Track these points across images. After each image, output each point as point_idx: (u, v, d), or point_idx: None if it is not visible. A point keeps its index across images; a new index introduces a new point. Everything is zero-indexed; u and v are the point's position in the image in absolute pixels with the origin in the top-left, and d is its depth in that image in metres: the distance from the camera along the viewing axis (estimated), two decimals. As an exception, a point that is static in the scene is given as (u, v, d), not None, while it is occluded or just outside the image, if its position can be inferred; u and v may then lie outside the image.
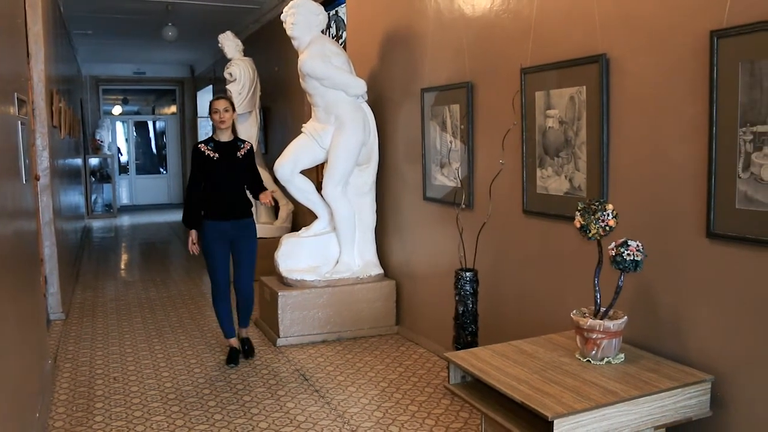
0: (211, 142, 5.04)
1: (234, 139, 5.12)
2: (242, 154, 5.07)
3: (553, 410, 2.54)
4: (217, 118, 4.95)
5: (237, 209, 5.08)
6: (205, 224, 5.05)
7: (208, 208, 5.04)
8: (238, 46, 8.50)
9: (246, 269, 5.18)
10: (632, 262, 2.88)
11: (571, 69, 3.63)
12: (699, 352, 2.99)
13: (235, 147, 5.07)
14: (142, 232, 13.33)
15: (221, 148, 5.01)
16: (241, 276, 5.18)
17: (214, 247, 5.03)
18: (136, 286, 8.14)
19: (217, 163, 4.96)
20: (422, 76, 5.21)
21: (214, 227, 5.03)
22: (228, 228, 5.03)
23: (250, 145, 5.19)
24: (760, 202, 2.67)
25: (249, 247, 5.16)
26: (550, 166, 3.84)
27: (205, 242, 5.06)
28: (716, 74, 2.81)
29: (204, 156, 4.97)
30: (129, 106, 19.70)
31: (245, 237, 5.13)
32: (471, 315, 4.24)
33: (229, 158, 5.00)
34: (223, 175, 4.99)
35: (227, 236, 5.05)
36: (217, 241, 5.03)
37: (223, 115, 4.94)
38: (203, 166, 4.97)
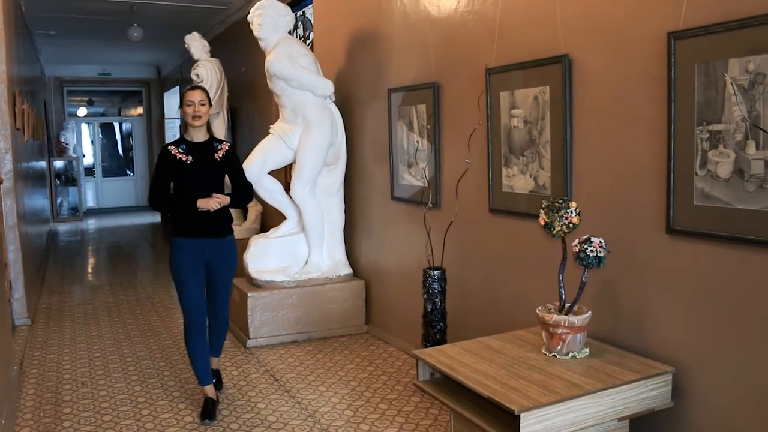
0: (182, 144, 4.13)
1: (210, 139, 4.22)
2: (220, 156, 4.16)
3: (520, 404, 2.59)
4: (190, 112, 4.04)
5: (215, 225, 4.15)
6: (176, 243, 4.14)
7: (179, 224, 4.13)
8: (205, 47, 8.47)
9: (223, 300, 4.35)
10: (595, 258, 2.95)
11: (535, 69, 3.70)
12: (660, 345, 3.06)
13: (211, 148, 4.16)
14: (109, 235, 13.19)
15: (195, 149, 4.11)
16: (217, 306, 4.35)
17: (187, 271, 4.12)
18: (103, 289, 8.06)
19: (191, 167, 4.07)
20: (389, 77, 5.25)
21: (186, 247, 4.12)
22: (204, 247, 4.13)
23: (230, 146, 4.28)
24: (717, 198, 2.75)
25: (227, 275, 4.31)
26: (515, 165, 3.90)
27: (175, 265, 4.14)
28: (673, 75, 2.88)
29: (174, 160, 4.07)
30: (94, 108, 19.46)
31: (224, 260, 4.24)
32: (439, 313, 4.29)
33: (204, 162, 4.11)
34: (198, 182, 4.07)
35: (202, 257, 4.14)
36: (191, 263, 4.12)
37: (199, 108, 4.05)
38: (173, 172, 4.08)
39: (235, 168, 4.27)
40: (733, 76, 2.65)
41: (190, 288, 4.13)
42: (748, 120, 2.61)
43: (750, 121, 2.60)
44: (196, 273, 4.15)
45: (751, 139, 2.61)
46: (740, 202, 2.67)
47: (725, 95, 2.69)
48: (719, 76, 2.70)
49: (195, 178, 4.09)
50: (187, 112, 4.07)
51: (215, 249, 4.18)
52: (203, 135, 4.19)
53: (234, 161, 4.27)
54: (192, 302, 4.14)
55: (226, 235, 4.25)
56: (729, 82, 2.67)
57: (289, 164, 5.95)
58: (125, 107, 19.86)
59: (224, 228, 4.23)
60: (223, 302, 4.36)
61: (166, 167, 4.10)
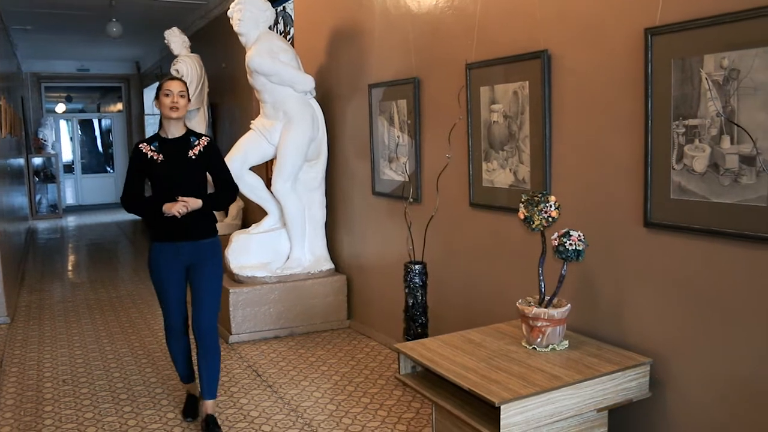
0: (155, 141, 3.80)
1: (186, 133, 3.84)
2: (196, 153, 3.78)
3: (500, 396, 2.62)
4: (168, 102, 3.69)
5: (194, 227, 3.79)
6: (153, 247, 3.85)
7: (156, 228, 3.82)
8: (185, 43, 8.42)
9: (207, 309, 3.84)
10: (574, 251, 2.99)
11: (515, 65, 3.72)
12: (638, 337, 3.11)
13: (186, 144, 3.80)
14: (89, 233, 13.09)
15: (168, 147, 3.77)
16: (200, 318, 3.82)
17: (165, 276, 3.82)
18: (83, 287, 8.01)
19: (162, 166, 3.73)
20: (370, 72, 5.26)
21: (164, 251, 3.81)
22: (181, 251, 3.80)
23: (209, 140, 3.89)
24: (693, 192, 2.80)
25: (211, 279, 3.86)
26: (495, 159, 3.93)
27: (153, 271, 3.87)
28: (651, 70, 2.92)
29: (146, 159, 3.75)
30: (73, 104, 19.29)
31: (206, 264, 3.84)
32: (421, 307, 4.32)
33: (177, 160, 3.75)
34: (171, 183, 3.72)
35: (182, 262, 3.82)
36: (169, 268, 3.81)
37: (177, 99, 3.70)
38: (146, 172, 3.78)
39: (215, 165, 3.89)
40: (709, 72, 2.69)
41: (169, 291, 3.86)
42: (722, 115, 2.65)
43: (725, 116, 2.64)
44: (175, 279, 3.85)
45: (725, 133, 2.65)
46: (715, 196, 2.71)
47: (701, 91, 2.73)
48: (695, 71, 2.74)
49: (167, 178, 3.74)
50: (164, 103, 3.71)
51: (194, 253, 3.82)
52: (180, 130, 3.82)
53: (214, 157, 3.88)
54: (172, 306, 3.90)
55: (205, 237, 3.86)
56: (704, 77, 2.71)
57: (270, 160, 5.95)
58: (104, 103, 19.69)
59: (204, 229, 3.86)
60: (206, 313, 3.83)
61: (137, 167, 3.79)
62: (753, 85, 2.54)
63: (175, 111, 3.72)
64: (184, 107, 3.76)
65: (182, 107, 3.75)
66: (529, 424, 2.69)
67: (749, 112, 2.56)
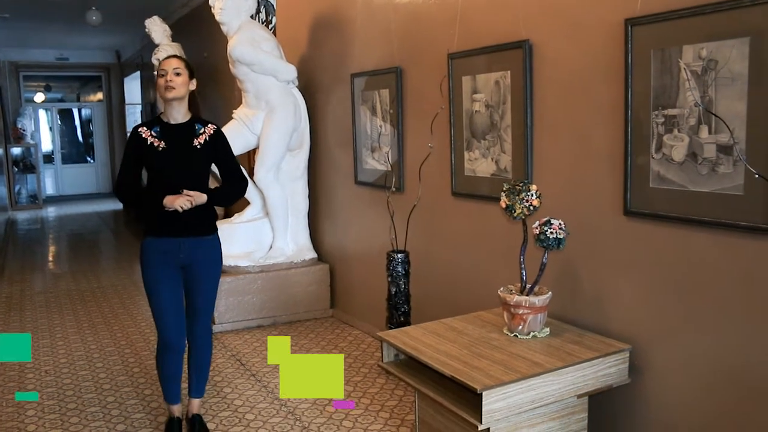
0: (156, 125, 3.44)
1: (191, 120, 3.49)
2: (202, 142, 3.45)
3: (482, 383, 2.65)
4: (162, 83, 3.35)
5: (194, 222, 3.45)
6: (146, 243, 3.48)
7: (149, 219, 3.48)
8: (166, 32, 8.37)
9: (204, 314, 3.61)
10: (555, 239, 3.02)
11: (496, 54, 3.74)
12: (618, 324, 3.15)
13: (190, 131, 3.45)
14: (70, 223, 12.99)
15: (171, 133, 3.42)
16: (197, 322, 3.60)
17: (160, 277, 3.46)
18: (65, 277, 7.96)
19: (163, 155, 3.38)
20: (352, 62, 5.26)
21: (157, 248, 3.45)
22: (179, 248, 3.45)
23: (216, 129, 3.55)
24: (671, 180, 2.83)
25: (211, 281, 3.62)
26: (477, 148, 3.95)
27: (145, 271, 3.49)
28: (631, 60, 2.95)
29: (146, 145, 3.39)
30: (52, 94, 19.08)
31: (204, 264, 3.54)
32: (403, 295, 4.34)
33: (181, 148, 3.41)
34: (172, 174, 3.39)
35: (178, 261, 3.47)
36: (164, 268, 3.45)
37: (173, 78, 3.34)
38: (144, 159, 3.42)
39: (222, 156, 3.55)
40: (687, 62, 2.72)
41: (164, 298, 3.46)
42: (700, 105, 2.68)
43: (703, 106, 2.68)
44: (171, 280, 3.47)
45: (703, 123, 2.69)
46: (693, 185, 2.75)
47: (680, 81, 2.76)
48: (674, 62, 2.78)
49: (168, 168, 3.39)
50: (160, 84, 3.37)
51: (193, 250, 3.48)
52: (183, 114, 3.45)
53: (221, 147, 3.54)
54: (168, 316, 3.47)
55: (206, 234, 3.54)
56: (683, 68, 2.74)
57: (252, 149, 5.94)
58: (84, 93, 19.50)
59: (204, 225, 3.53)
60: (203, 316, 3.61)
61: (135, 153, 3.43)
62: (730, 75, 2.57)
63: (170, 91, 3.34)
64: (182, 86, 3.38)
65: (180, 86, 3.36)
66: (510, 410, 2.72)
67: (726, 102, 2.59)
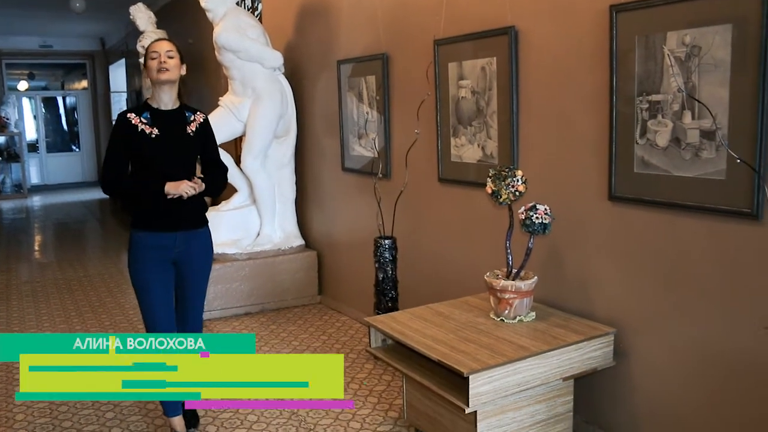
0: (146, 111, 3.23)
1: (181, 106, 3.33)
2: (194, 129, 3.31)
3: (469, 366, 2.69)
4: (155, 65, 3.16)
5: (186, 214, 3.30)
6: (135, 238, 3.29)
7: (140, 213, 3.29)
8: (151, 19, 8.32)
9: (195, 308, 3.49)
10: (541, 225, 3.05)
11: (482, 41, 3.75)
12: (603, 308, 3.19)
13: (182, 119, 3.30)
14: (55, 212, 12.92)
15: (162, 119, 3.23)
16: (187, 318, 3.46)
17: (151, 274, 3.28)
18: (51, 267, 7.93)
19: (157, 143, 3.19)
20: (338, 48, 5.25)
21: (149, 243, 3.27)
22: (172, 243, 3.28)
23: (204, 117, 3.41)
24: (655, 166, 2.87)
25: (202, 275, 3.49)
26: (463, 135, 3.97)
27: (134, 267, 3.31)
28: (615, 47, 2.97)
29: (136, 132, 3.17)
30: (36, 82, 18.88)
31: (197, 258, 3.41)
32: (391, 281, 4.37)
33: (175, 136, 3.25)
34: (166, 162, 3.22)
35: (169, 256, 3.30)
36: (155, 264, 3.28)
37: (166, 60, 3.17)
38: (134, 147, 3.20)
39: (209, 144, 3.43)
40: (671, 49, 2.75)
41: (155, 297, 3.29)
42: (684, 91, 2.71)
43: (686, 92, 2.70)
44: (162, 277, 3.31)
45: (687, 109, 2.72)
46: (677, 170, 2.79)
47: (663, 67, 2.79)
48: (658, 48, 2.80)
49: (161, 156, 3.21)
50: (152, 67, 3.18)
51: (186, 244, 3.32)
52: (173, 101, 3.29)
53: (209, 137, 3.43)
54: (159, 317, 3.30)
55: (199, 226, 3.40)
56: (667, 54, 2.77)
57: (239, 137, 5.93)
58: (68, 81, 19.32)
59: (198, 217, 3.39)
60: (195, 312, 3.50)
61: (124, 141, 3.21)
62: (713, 61, 2.60)
63: (164, 72, 3.16)
64: (175, 68, 3.21)
65: (173, 68, 3.20)
66: (497, 393, 2.76)
67: (709, 88, 2.62)
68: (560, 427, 3.11)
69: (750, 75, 2.49)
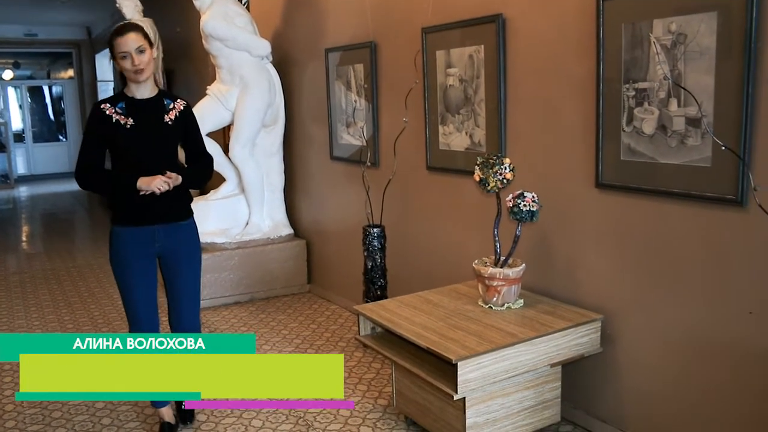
0: (121, 101, 3.10)
1: (159, 94, 3.18)
2: (172, 118, 3.16)
3: (457, 354, 2.71)
4: (129, 66, 2.99)
5: (167, 207, 3.17)
6: (115, 232, 3.17)
7: (118, 206, 3.16)
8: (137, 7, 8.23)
9: (188, 304, 3.34)
10: (528, 212, 3.06)
11: (470, 28, 3.75)
12: (590, 295, 3.21)
13: (159, 107, 3.15)
14: (42, 203, 12.86)
15: (138, 109, 3.09)
16: (182, 315, 3.33)
17: (131, 269, 3.17)
18: (40, 257, 7.90)
19: (131, 133, 3.06)
20: (326, 36, 5.24)
21: (130, 238, 3.15)
22: (153, 237, 3.17)
23: (186, 105, 3.25)
24: (642, 153, 2.88)
25: (191, 271, 3.33)
26: (451, 123, 3.97)
27: (115, 262, 3.20)
28: (602, 34, 2.98)
29: (111, 123, 3.05)
30: (21, 71, 18.73)
31: (182, 252, 3.28)
32: (380, 269, 4.38)
33: (150, 125, 3.11)
34: (142, 154, 3.08)
35: (151, 250, 3.19)
36: (139, 259, 3.16)
37: (137, 59, 2.99)
38: (109, 138, 3.08)
39: (192, 134, 3.29)
40: (657, 36, 2.76)
41: (137, 292, 3.19)
42: (670, 78, 2.73)
43: (672, 80, 2.72)
44: (144, 272, 3.19)
45: (673, 96, 2.74)
46: (663, 157, 2.80)
47: (650, 54, 2.80)
48: (644, 36, 2.81)
49: (137, 147, 3.08)
50: (125, 67, 3.02)
51: (168, 237, 3.20)
52: (150, 90, 3.14)
53: (191, 126, 3.27)
54: (140, 311, 3.20)
55: (182, 219, 3.27)
56: (653, 41, 2.78)
57: (227, 126, 5.91)
58: (54, 70, 19.17)
59: (180, 209, 3.26)
60: (189, 309, 3.35)
61: (97, 133, 3.10)
62: (699, 49, 2.61)
63: (141, 74, 3.03)
64: (150, 63, 3.06)
65: (147, 64, 3.04)
66: (485, 379, 2.78)
67: (695, 76, 2.64)
68: (548, 413, 3.14)
69: (735, 62, 2.50)
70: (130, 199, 3.08)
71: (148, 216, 3.14)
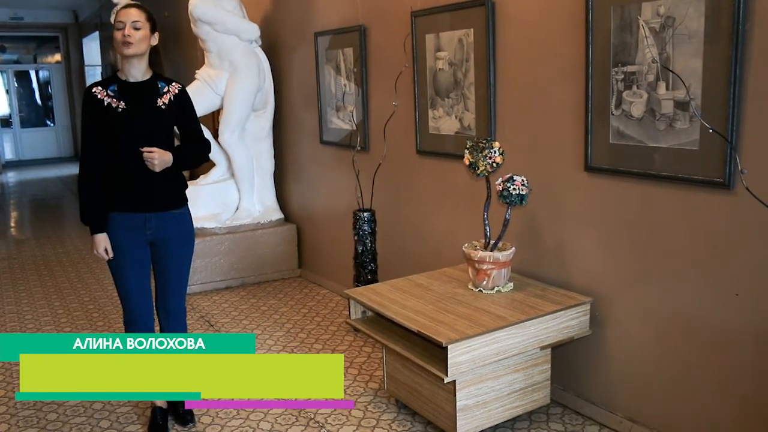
0: (113, 84, 3.05)
1: (153, 77, 3.11)
2: (166, 101, 3.09)
3: (447, 337, 2.72)
4: (120, 37, 2.95)
5: (160, 193, 3.12)
6: (110, 219, 3.11)
7: (113, 193, 3.09)
8: (125, -10, 8.17)
9: (177, 287, 3.32)
10: (518, 196, 3.07)
11: (460, 12, 3.74)
12: (580, 278, 3.23)
13: (153, 90, 3.09)
14: (31, 189, 12.78)
15: (130, 92, 3.03)
16: (168, 299, 3.31)
17: (125, 257, 3.14)
18: (29, 243, 7.87)
19: (123, 116, 2.99)
20: (315, 20, 5.21)
21: (122, 224, 3.11)
22: (146, 225, 3.12)
23: (181, 88, 3.18)
24: (630, 136, 2.89)
25: (181, 259, 3.29)
26: (441, 106, 3.97)
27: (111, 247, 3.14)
28: (591, 17, 2.98)
29: (102, 107, 3.00)
30: (7, 55, 18.53)
31: (175, 239, 3.22)
32: (370, 253, 4.39)
33: (143, 109, 3.04)
34: (135, 136, 3.00)
35: (143, 237, 3.14)
36: (131, 245, 3.13)
37: (131, 31, 2.94)
38: (101, 123, 3.01)
39: (186, 117, 3.20)
40: (646, 19, 2.76)
41: (130, 278, 3.17)
42: (658, 61, 2.73)
43: (660, 63, 2.72)
44: (137, 259, 3.16)
45: (661, 80, 2.74)
46: (651, 140, 2.82)
47: (638, 38, 2.80)
48: (633, 19, 2.81)
49: (129, 132, 3.00)
50: (116, 38, 2.96)
51: (162, 224, 3.15)
52: (143, 72, 3.06)
53: (187, 109, 3.20)
54: (135, 296, 3.19)
55: (176, 207, 3.21)
56: (642, 24, 2.78)
57: (216, 110, 5.89)
58: (41, 54, 18.97)
59: (173, 196, 3.21)
60: (175, 294, 3.32)
61: (92, 118, 3.04)
62: (687, 32, 2.62)
63: (128, 47, 2.94)
64: (141, 41, 2.98)
65: (138, 41, 2.96)
66: (475, 362, 2.80)
67: (683, 59, 2.65)
68: (538, 396, 3.16)
69: (723, 46, 2.51)
70: (122, 185, 3.06)
71: (141, 202, 3.10)
